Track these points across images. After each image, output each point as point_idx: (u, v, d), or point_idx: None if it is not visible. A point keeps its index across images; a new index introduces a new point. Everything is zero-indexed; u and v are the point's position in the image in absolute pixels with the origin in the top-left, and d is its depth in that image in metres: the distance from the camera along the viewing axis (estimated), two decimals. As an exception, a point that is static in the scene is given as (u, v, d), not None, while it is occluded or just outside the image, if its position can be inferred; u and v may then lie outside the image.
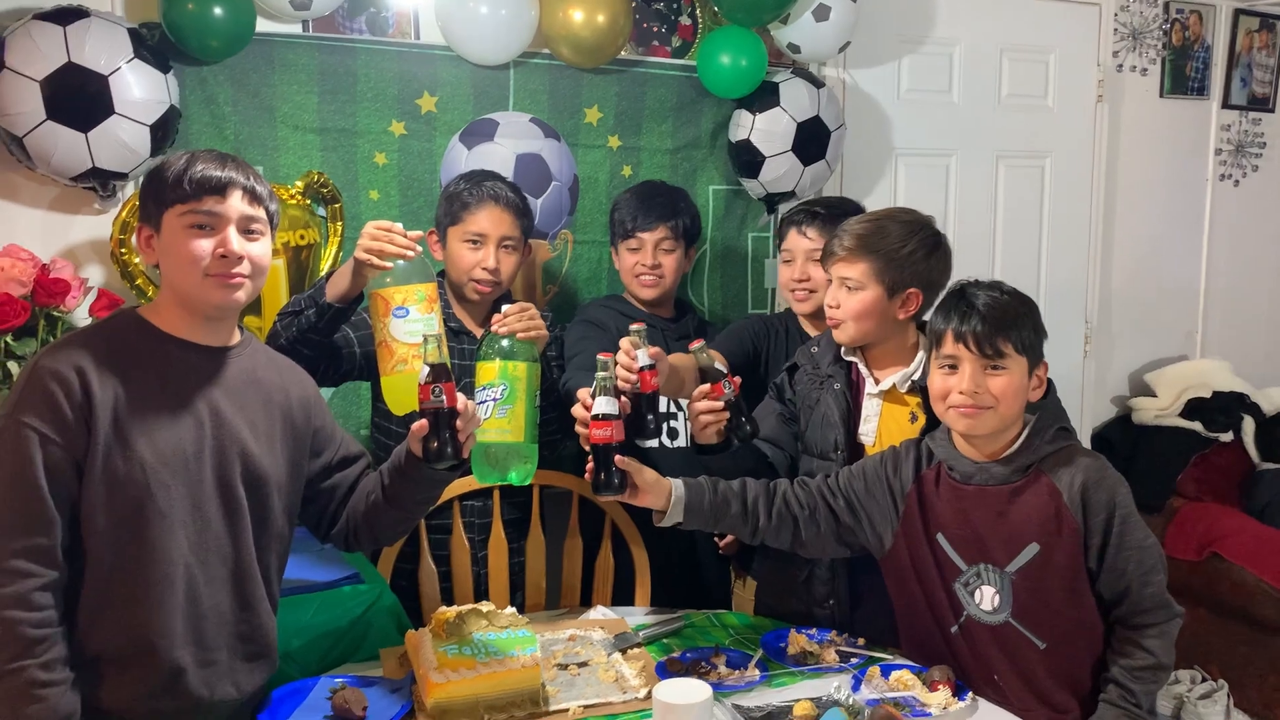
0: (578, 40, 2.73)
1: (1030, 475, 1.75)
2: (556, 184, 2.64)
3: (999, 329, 1.72)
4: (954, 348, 1.74)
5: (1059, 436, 1.78)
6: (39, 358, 1.54)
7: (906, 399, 2.01)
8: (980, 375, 1.72)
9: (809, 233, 2.34)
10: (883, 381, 2.01)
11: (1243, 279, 4.22)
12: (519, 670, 1.66)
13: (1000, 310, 1.73)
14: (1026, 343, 1.74)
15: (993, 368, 1.72)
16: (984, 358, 1.72)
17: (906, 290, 1.95)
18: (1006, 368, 1.72)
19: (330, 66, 2.63)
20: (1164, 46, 3.92)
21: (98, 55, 2.21)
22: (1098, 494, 1.72)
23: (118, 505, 1.52)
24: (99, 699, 1.53)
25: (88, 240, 2.46)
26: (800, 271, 2.36)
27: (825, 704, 1.64)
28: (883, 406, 2.02)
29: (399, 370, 1.81)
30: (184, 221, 1.57)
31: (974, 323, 1.72)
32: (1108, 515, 1.71)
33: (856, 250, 1.95)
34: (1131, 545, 1.71)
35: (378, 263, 1.83)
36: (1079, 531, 1.72)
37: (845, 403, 2.03)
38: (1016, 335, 1.72)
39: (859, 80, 3.35)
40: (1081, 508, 1.72)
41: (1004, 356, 1.72)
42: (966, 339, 1.72)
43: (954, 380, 1.74)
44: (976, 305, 1.74)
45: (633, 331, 1.82)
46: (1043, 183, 3.75)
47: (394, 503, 1.77)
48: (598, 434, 1.74)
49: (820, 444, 2.04)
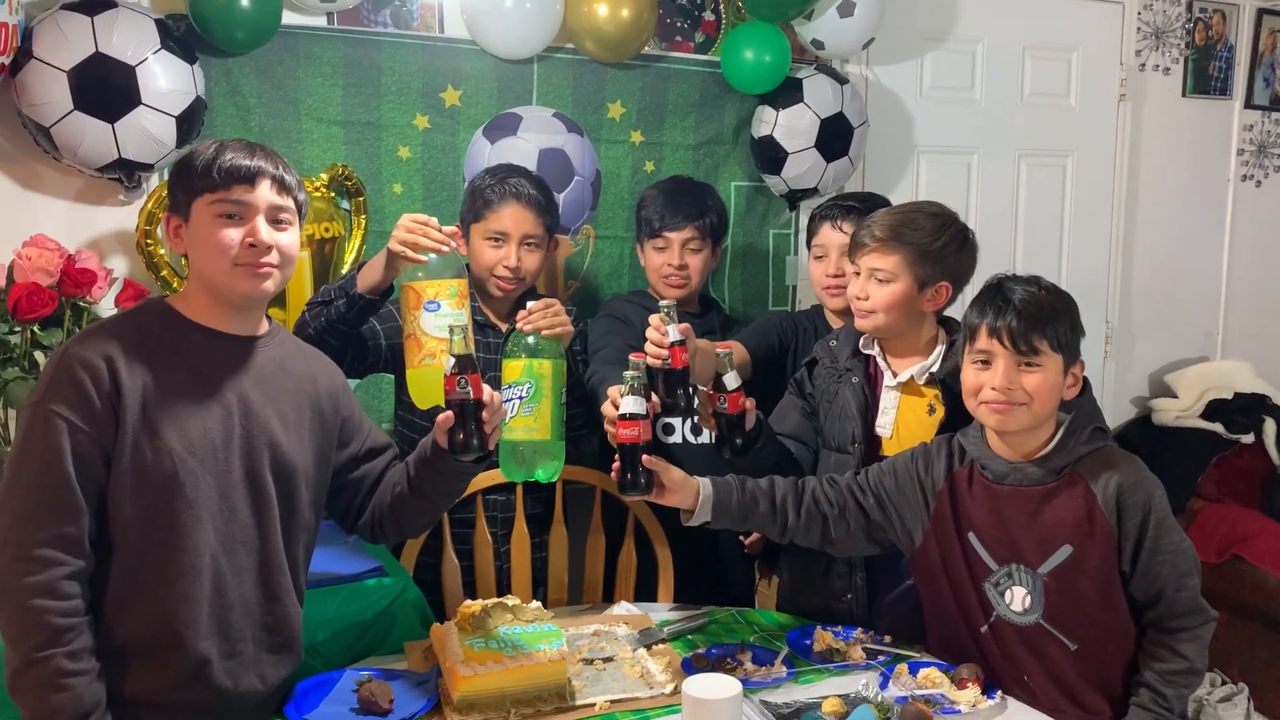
0: (602, 35, 2.72)
1: (1065, 477, 1.74)
2: (579, 179, 2.64)
3: (1035, 325, 1.70)
4: (988, 343, 1.72)
5: (1095, 437, 1.76)
6: (68, 345, 1.53)
7: (924, 391, 2.01)
8: (1014, 371, 1.71)
9: (844, 227, 2.31)
10: (901, 374, 2.01)
11: (1264, 280, 4.19)
12: (545, 665, 1.65)
13: (1037, 306, 1.71)
14: (1063, 340, 1.72)
15: (1027, 364, 1.70)
16: (1018, 354, 1.70)
17: (938, 284, 1.95)
18: (1041, 365, 1.70)
19: (355, 59, 2.62)
20: (1187, 46, 3.89)
21: (125, 46, 2.21)
22: (1133, 497, 1.70)
23: (145, 494, 1.52)
24: (124, 689, 1.53)
25: (113, 231, 2.47)
26: (835, 267, 2.34)
27: (854, 701, 1.63)
28: (900, 399, 2.02)
29: (427, 364, 1.81)
30: (213, 211, 1.56)
31: (1009, 318, 1.70)
32: (1143, 518, 1.70)
33: (889, 242, 1.94)
34: (1167, 549, 1.70)
35: (412, 255, 1.83)
36: (1113, 534, 1.70)
37: (863, 395, 2.02)
38: (1053, 332, 1.70)
39: (882, 77, 3.33)
40: (1116, 510, 1.70)
41: (1039, 354, 1.70)
42: (1001, 334, 1.71)
43: (987, 375, 1.73)
44: (1013, 300, 1.71)
45: (662, 308, 1.80)
46: (1064, 182, 3.73)
47: (420, 494, 1.76)
48: (625, 433, 1.72)
49: (838, 437, 2.04)
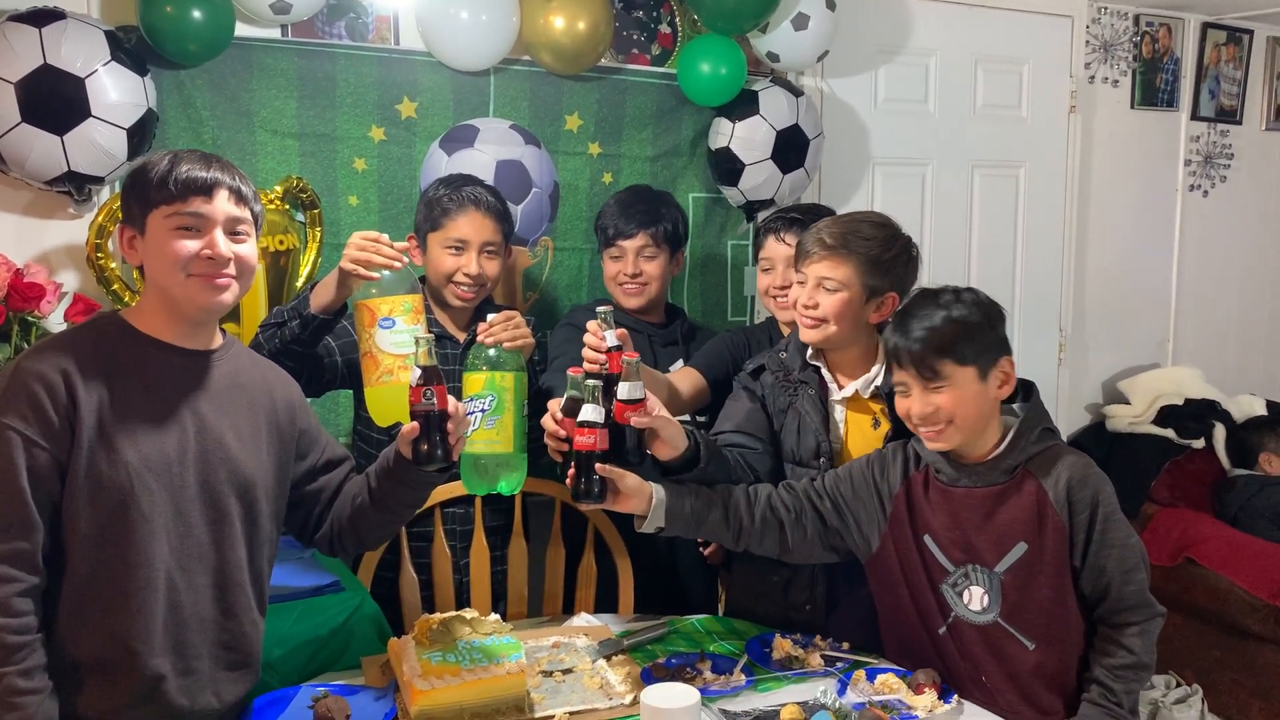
0: (558, 47, 2.73)
1: (1016, 476, 1.76)
2: (537, 190, 2.64)
3: (932, 350, 1.72)
4: (899, 372, 1.77)
5: (1044, 437, 1.79)
6: (21, 360, 1.51)
7: (870, 405, 2.01)
8: (926, 394, 1.74)
9: (788, 239, 2.32)
10: (845, 388, 2.01)
11: (1212, 288, 4.28)
12: (504, 677, 1.64)
13: (932, 332, 1.72)
14: (969, 355, 1.73)
15: (935, 387, 1.73)
16: (924, 379, 1.73)
17: (885, 294, 1.95)
18: (948, 383, 1.72)
19: (309, 71, 2.61)
20: (1134, 59, 3.98)
21: (74, 57, 2.19)
22: (1082, 492, 1.73)
23: (100, 509, 1.50)
24: (77, 708, 1.51)
25: (63, 245, 2.43)
26: (781, 278, 2.35)
27: (812, 708, 1.64)
28: (847, 413, 2.02)
29: (384, 381, 1.80)
30: (170, 224, 1.54)
31: (910, 344, 1.73)
32: (1091, 512, 1.73)
33: (838, 250, 1.93)
34: (1114, 543, 1.73)
35: (364, 273, 1.83)
36: (1065, 529, 1.73)
37: (823, 408, 2.02)
38: (954, 352, 1.72)
39: (837, 89, 3.37)
40: (1067, 506, 1.73)
41: (940, 376, 1.72)
42: (903, 360, 1.74)
43: (907, 403, 1.77)
44: (911, 329, 1.74)
45: (600, 313, 1.78)
46: (1017, 192, 3.79)
47: (380, 505, 1.75)
48: (581, 440, 1.71)
49: (800, 451, 2.03)
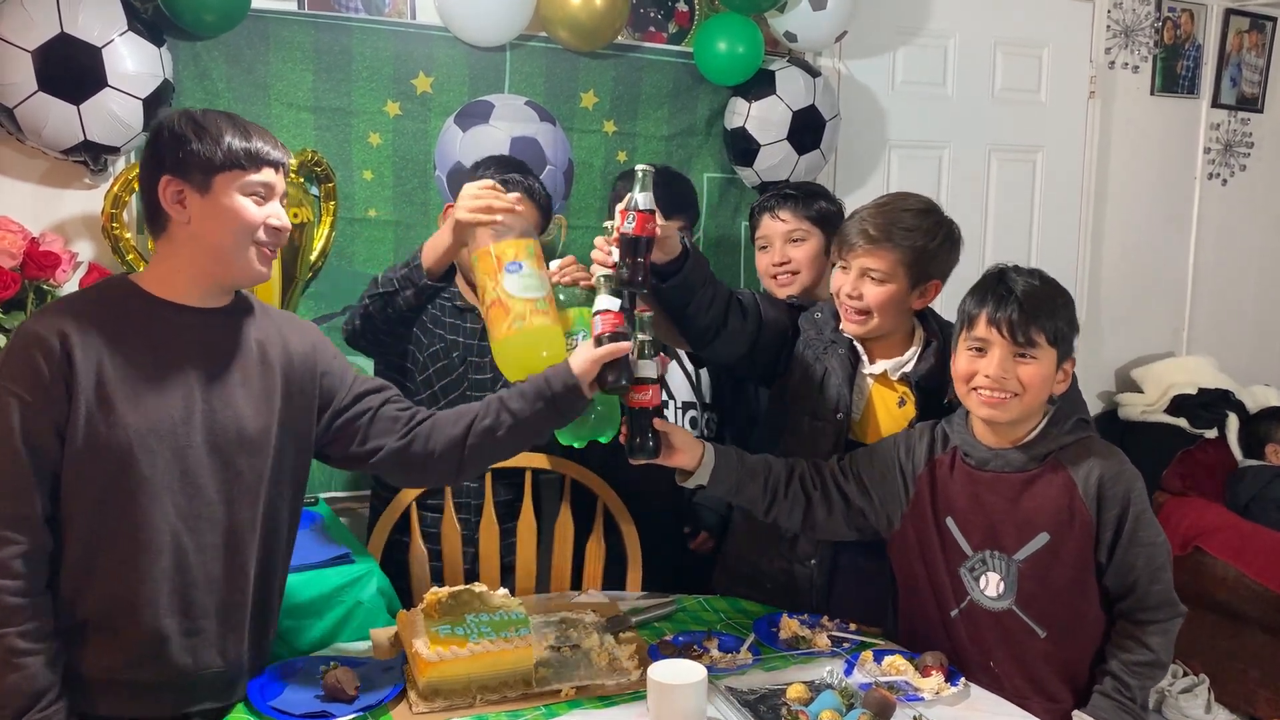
0: (575, 23, 2.71)
1: (1046, 464, 1.75)
2: (551, 168, 2.63)
3: (1034, 317, 1.71)
4: (986, 331, 1.73)
5: (1078, 428, 1.78)
6: (24, 323, 1.53)
7: (896, 385, 2.01)
8: (1009, 361, 1.72)
9: (783, 215, 2.32)
10: (875, 365, 2.01)
11: (1229, 277, 4.25)
12: (512, 651, 1.65)
13: (1037, 299, 1.72)
14: (1059, 334, 1.73)
15: (1022, 355, 1.72)
16: (1015, 344, 1.71)
17: (929, 282, 1.95)
18: (1036, 357, 1.72)
19: (325, 44, 2.60)
20: (1155, 45, 3.93)
21: (91, 26, 2.18)
22: (1114, 488, 1.72)
23: (101, 471, 1.50)
24: (81, 668, 1.53)
25: (79, 214, 2.43)
26: (780, 255, 2.34)
27: (818, 687, 1.64)
28: (873, 386, 2.02)
29: (517, 327, 1.72)
30: (243, 190, 1.56)
31: (1010, 309, 1.71)
32: (1122, 510, 1.72)
33: (883, 242, 1.92)
34: (1144, 541, 1.72)
35: (487, 219, 1.78)
36: (1091, 524, 1.72)
37: (851, 368, 2.01)
38: (1051, 325, 1.72)
39: (854, 71, 3.35)
40: (1096, 501, 1.72)
41: (1035, 345, 1.71)
42: (1000, 324, 1.72)
43: (982, 363, 1.74)
44: (1015, 291, 1.73)
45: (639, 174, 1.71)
46: (1034, 177, 3.75)
47: (523, 431, 1.72)
48: (637, 398, 1.72)
49: (819, 404, 2.01)
